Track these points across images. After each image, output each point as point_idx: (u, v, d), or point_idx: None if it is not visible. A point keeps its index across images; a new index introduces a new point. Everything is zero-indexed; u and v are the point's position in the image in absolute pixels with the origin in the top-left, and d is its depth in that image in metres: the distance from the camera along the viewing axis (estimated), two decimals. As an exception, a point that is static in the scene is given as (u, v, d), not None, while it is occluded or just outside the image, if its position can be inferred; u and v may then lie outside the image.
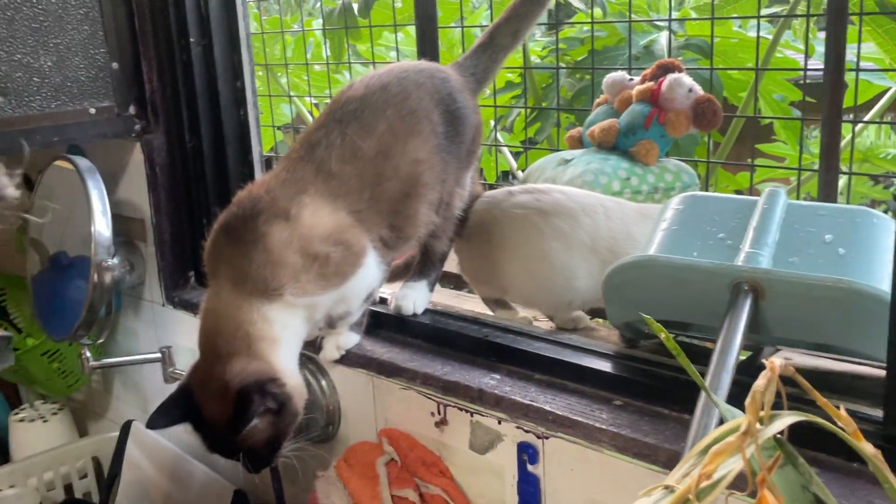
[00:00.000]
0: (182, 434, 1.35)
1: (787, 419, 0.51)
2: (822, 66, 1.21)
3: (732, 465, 0.50)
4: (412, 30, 1.78)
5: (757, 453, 0.49)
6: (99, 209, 1.08)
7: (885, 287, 0.73)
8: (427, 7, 1.53)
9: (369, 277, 1.00)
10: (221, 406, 0.92)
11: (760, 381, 0.53)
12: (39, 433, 1.45)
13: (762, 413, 0.50)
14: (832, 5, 1.20)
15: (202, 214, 1.29)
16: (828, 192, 1.21)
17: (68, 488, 1.41)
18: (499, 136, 2.08)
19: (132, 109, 1.24)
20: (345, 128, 1.00)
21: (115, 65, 1.22)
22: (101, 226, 1.07)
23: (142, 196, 1.29)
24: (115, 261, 1.09)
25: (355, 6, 1.82)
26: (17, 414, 1.48)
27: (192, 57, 1.25)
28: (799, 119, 1.78)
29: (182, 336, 1.29)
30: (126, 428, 1.38)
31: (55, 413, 1.48)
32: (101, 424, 1.56)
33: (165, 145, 1.28)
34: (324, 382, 1.09)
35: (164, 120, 1.27)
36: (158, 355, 1.23)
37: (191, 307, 1.28)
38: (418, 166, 1.00)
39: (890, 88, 1.68)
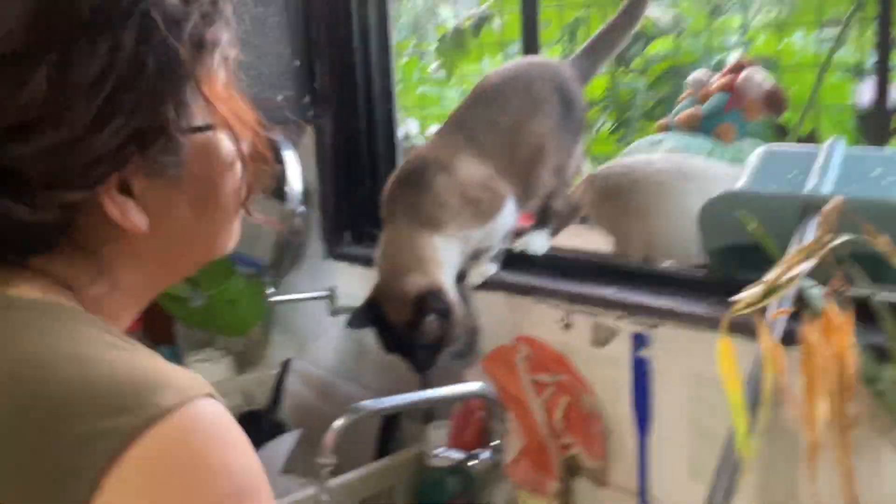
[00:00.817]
0: (334, 366, 1.64)
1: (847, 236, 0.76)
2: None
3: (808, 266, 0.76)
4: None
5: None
6: (294, 170, 1.39)
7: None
8: (530, 29, 1.85)
9: (508, 218, 1.28)
10: (401, 310, 1.21)
11: (828, 207, 0.80)
12: (209, 371, 1.76)
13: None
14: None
15: (358, 184, 1.60)
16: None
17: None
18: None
19: (307, 99, 1.56)
20: (487, 106, 1.30)
21: (296, 62, 1.54)
22: (296, 182, 1.38)
23: (310, 169, 1.60)
24: (304, 209, 1.39)
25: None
26: (193, 355, 1.80)
27: (354, 59, 1.57)
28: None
29: (341, 282, 1.58)
30: (286, 364, 1.68)
31: (222, 357, 1.79)
32: (258, 369, 1.86)
33: (331, 129, 1.59)
34: (467, 307, 1.37)
35: (331, 108, 1.58)
36: (326, 293, 1.53)
37: (347, 258, 1.58)
38: (541, 139, 1.29)
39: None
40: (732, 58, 2.23)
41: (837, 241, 0.75)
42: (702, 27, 2.10)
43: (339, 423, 1.06)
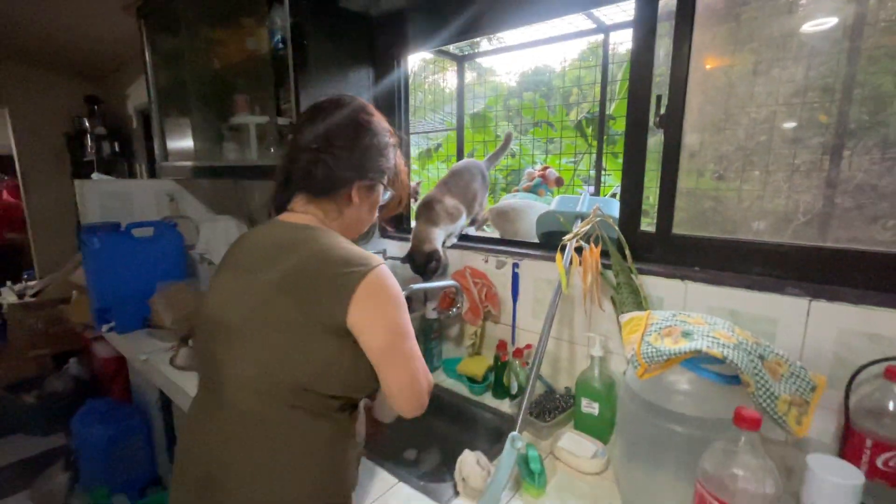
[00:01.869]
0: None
1: (598, 218, 2.82)
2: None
3: (586, 229, 2.79)
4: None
5: (595, 225, 2.79)
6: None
7: None
8: (460, 149, 3.88)
9: (462, 221, 3.22)
10: (422, 257, 3.08)
11: (594, 207, 2.86)
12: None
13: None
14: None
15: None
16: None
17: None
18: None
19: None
20: (455, 176, 3.25)
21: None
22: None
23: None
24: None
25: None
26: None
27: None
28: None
29: (389, 247, 3.41)
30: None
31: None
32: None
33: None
34: (445, 256, 3.25)
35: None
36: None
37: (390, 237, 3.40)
38: (475, 190, 3.27)
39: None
40: (539, 166, 4.39)
41: (594, 221, 2.75)
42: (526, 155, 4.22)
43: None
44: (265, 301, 1.46)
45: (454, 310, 3.11)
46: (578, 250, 2.34)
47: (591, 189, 3.63)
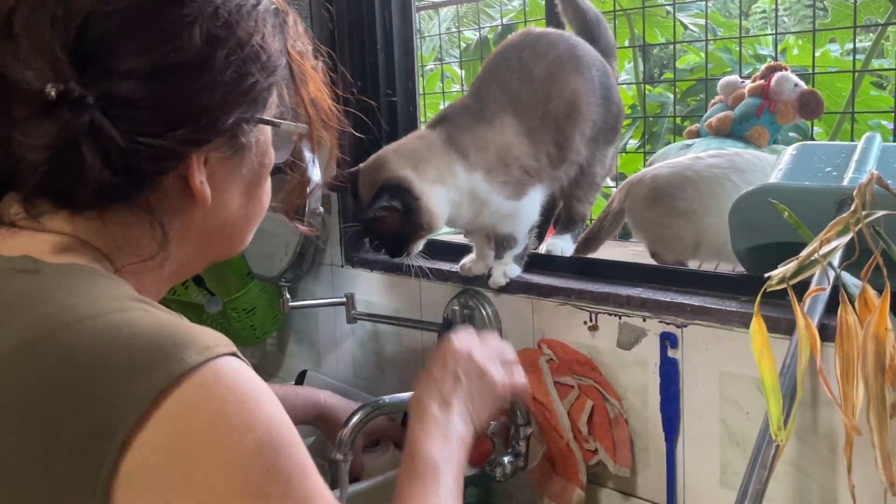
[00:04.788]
0: (351, 376, 1.60)
1: (884, 211, 0.72)
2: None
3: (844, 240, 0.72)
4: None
5: (864, 228, 0.70)
6: (316, 173, 1.36)
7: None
8: None
9: (532, 207, 1.23)
10: (366, 192, 1.21)
11: (864, 180, 0.75)
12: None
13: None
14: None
15: (379, 190, 1.57)
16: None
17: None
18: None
19: (330, 105, 1.55)
20: (521, 52, 1.24)
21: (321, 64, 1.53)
22: (316, 181, 1.36)
23: (331, 175, 1.58)
24: (322, 209, 1.37)
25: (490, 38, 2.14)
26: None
27: (377, 60, 1.56)
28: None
29: (358, 289, 1.55)
30: (302, 375, 1.64)
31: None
32: (273, 381, 1.82)
33: (352, 136, 1.57)
34: (488, 310, 1.32)
35: (354, 116, 1.56)
36: (343, 299, 1.49)
37: (366, 264, 1.54)
38: (577, 96, 1.23)
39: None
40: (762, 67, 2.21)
41: (873, 217, 0.71)
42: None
43: (355, 417, 1.02)
44: None
45: (509, 458, 1.19)
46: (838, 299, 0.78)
47: None
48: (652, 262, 1.29)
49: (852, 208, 0.72)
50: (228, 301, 1.58)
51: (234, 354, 0.62)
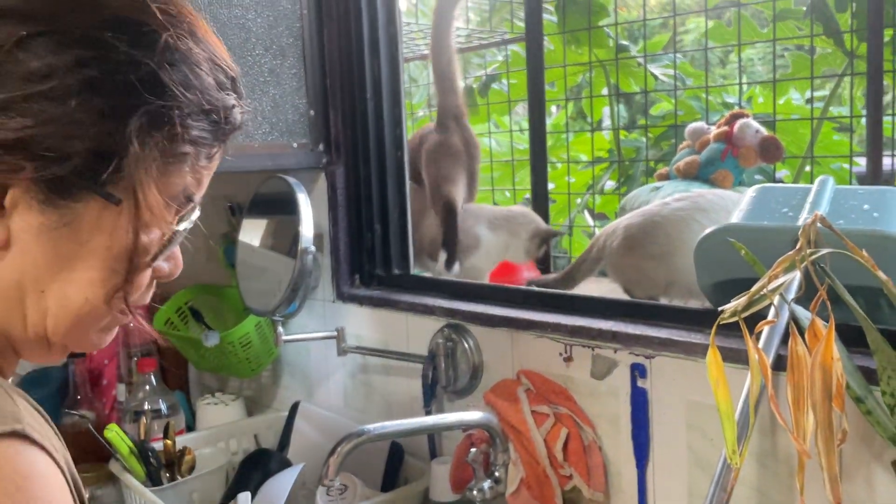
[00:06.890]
0: (342, 407, 1.67)
1: (827, 249, 0.81)
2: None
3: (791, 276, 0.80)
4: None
5: (809, 265, 0.79)
6: (306, 210, 1.45)
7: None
8: (537, 89, 1.94)
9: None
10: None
11: (808, 220, 0.84)
12: (220, 414, 1.78)
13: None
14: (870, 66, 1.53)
15: (368, 229, 1.65)
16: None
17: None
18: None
19: (321, 146, 1.63)
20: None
21: (311, 112, 1.62)
22: (308, 222, 1.44)
23: (322, 214, 1.66)
24: (314, 248, 1.45)
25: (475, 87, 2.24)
26: (203, 399, 1.82)
27: (366, 109, 1.65)
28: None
29: (349, 324, 1.62)
30: (295, 407, 1.70)
31: (233, 400, 1.82)
32: (268, 412, 1.88)
33: (343, 175, 1.65)
34: (470, 343, 1.40)
35: (344, 156, 1.65)
36: (334, 333, 1.57)
37: (356, 300, 1.62)
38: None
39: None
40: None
41: (817, 255, 0.79)
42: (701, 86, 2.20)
43: (341, 445, 1.09)
44: None
45: (488, 483, 1.26)
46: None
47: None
48: (623, 296, 1.37)
49: (798, 246, 0.80)
50: (225, 335, 1.65)
51: (16, 434, 0.52)
